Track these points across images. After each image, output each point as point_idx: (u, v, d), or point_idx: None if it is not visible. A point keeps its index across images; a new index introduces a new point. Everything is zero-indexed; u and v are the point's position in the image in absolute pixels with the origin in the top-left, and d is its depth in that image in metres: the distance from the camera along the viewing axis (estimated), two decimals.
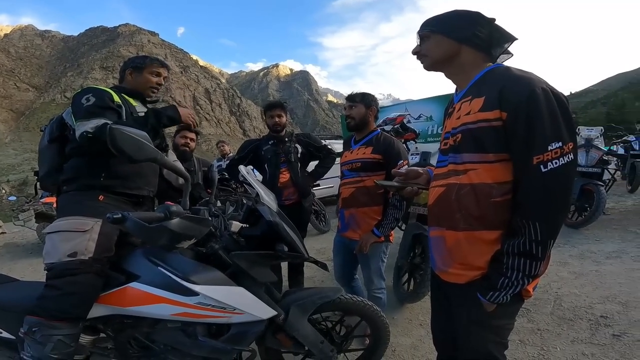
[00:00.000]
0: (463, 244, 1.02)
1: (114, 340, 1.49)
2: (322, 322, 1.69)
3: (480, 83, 1.03)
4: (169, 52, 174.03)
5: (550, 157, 0.88)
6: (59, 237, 1.43)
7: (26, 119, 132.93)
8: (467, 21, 1.06)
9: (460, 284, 1.05)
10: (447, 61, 1.10)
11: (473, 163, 1.00)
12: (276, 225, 1.45)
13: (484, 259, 0.99)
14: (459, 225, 1.02)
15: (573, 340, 2.10)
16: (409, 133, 4.50)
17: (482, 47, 1.06)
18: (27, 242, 6.80)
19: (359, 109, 2.12)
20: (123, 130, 1.13)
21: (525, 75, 0.95)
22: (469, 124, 1.00)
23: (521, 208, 0.92)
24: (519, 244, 0.92)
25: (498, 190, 0.96)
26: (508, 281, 0.93)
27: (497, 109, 0.94)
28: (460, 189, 1.02)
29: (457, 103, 1.08)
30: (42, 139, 1.73)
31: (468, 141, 1.00)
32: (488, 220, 0.98)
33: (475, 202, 0.99)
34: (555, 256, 3.46)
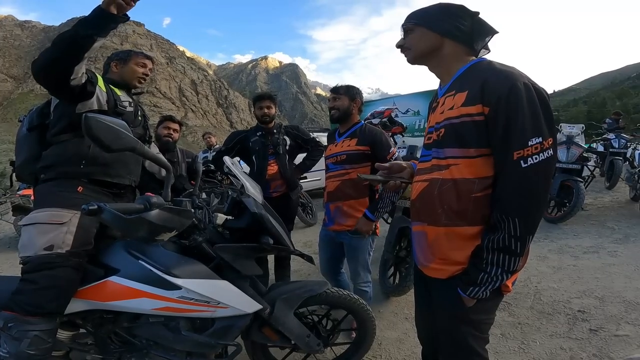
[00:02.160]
0: (444, 239, 1.02)
1: (94, 335, 1.46)
2: (308, 316, 1.69)
3: (464, 77, 1.02)
4: (155, 42, 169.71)
5: (530, 152, 0.88)
6: (35, 229, 1.38)
7: (4, 110, 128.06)
8: (449, 14, 1.05)
9: (442, 279, 1.05)
10: (429, 54, 1.09)
11: (455, 158, 0.99)
12: (261, 217, 1.43)
13: (464, 254, 0.99)
14: (441, 221, 1.02)
15: (552, 334, 2.15)
16: (396, 127, 4.50)
17: (464, 40, 1.05)
18: (4, 236, 6.57)
19: (343, 100, 2.11)
20: (99, 118, 1.08)
21: (507, 70, 0.94)
22: (452, 118, 0.99)
23: (500, 203, 0.92)
24: (498, 239, 0.92)
25: (479, 186, 0.96)
26: (487, 277, 0.94)
27: (479, 103, 0.93)
28: (443, 184, 1.01)
29: (441, 97, 1.07)
30: (20, 129, 1.68)
31: (451, 136, 1.00)
32: (468, 216, 0.98)
33: (456, 198, 0.99)
34: (535, 251, 3.54)
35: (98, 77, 1.56)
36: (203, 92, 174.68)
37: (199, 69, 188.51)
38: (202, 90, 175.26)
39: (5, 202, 5.69)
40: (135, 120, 1.72)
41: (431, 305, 1.14)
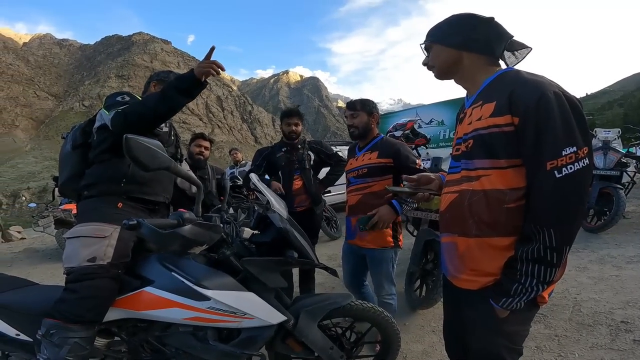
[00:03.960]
0: (475, 250, 1.01)
1: (128, 343, 1.52)
2: (332, 328, 1.69)
3: (491, 88, 1.02)
4: (182, 60, 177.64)
5: (564, 162, 0.86)
6: (79, 242, 1.47)
7: (46, 127, 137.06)
8: (460, 26, 1.06)
9: (473, 290, 1.04)
10: (451, 69, 1.11)
11: (485, 169, 0.99)
12: (286, 232, 1.46)
13: (496, 265, 0.98)
14: (471, 232, 1.01)
15: (592, 346, 2.06)
16: (419, 138, 4.45)
17: (482, 50, 1.05)
18: (46, 248, 6.95)
19: (361, 117, 2.12)
20: (138, 139, 1.17)
21: (536, 79, 0.93)
22: (480, 129, 0.99)
23: (535, 214, 0.91)
24: (532, 250, 0.90)
25: (511, 196, 0.95)
26: (522, 287, 0.92)
27: (508, 114, 0.93)
28: (473, 196, 1.01)
29: (468, 108, 1.08)
30: (63, 146, 1.79)
31: (480, 147, 1.00)
32: (500, 227, 0.97)
33: (487, 209, 0.98)
34: (574, 261, 3.40)
35: (138, 98, 1.68)
36: (228, 108, 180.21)
37: (224, 85, 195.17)
38: (227, 106, 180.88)
39: (48, 216, 6.06)
40: (169, 139, 1.82)
41: (461, 317, 1.13)
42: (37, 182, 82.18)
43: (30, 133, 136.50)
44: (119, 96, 1.62)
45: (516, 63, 1.07)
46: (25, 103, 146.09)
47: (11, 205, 65.57)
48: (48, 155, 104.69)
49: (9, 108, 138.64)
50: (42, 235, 7.04)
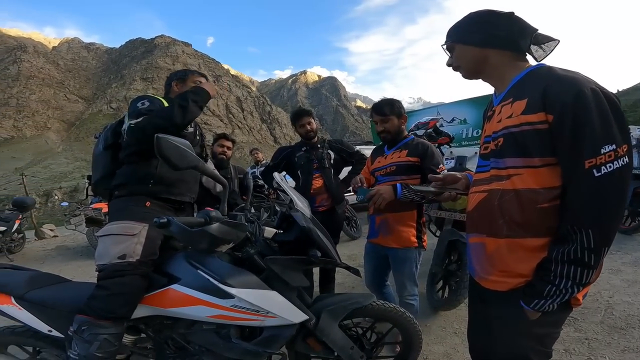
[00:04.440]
0: (505, 251, 0.99)
1: (153, 340, 1.56)
2: (352, 328, 1.69)
3: (522, 84, 0.99)
4: (202, 62, 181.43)
5: (603, 160, 0.83)
6: (110, 240, 1.53)
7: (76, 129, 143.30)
8: (481, 23, 1.04)
9: (502, 291, 1.02)
10: (479, 68, 1.09)
11: (517, 168, 0.96)
12: (309, 231, 1.47)
13: (528, 267, 0.96)
14: (502, 232, 0.99)
15: (624, 349, 2.00)
16: (442, 137, 4.36)
17: (507, 46, 1.03)
18: (77, 245, 7.25)
19: (392, 121, 2.09)
20: (169, 139, 1.20)
21: (571, 75, 0.90)
22: (511, 127, 0.97)
23: (572, 214, 0.88)
24: (569, 251, 0.87)
25: (545, 196, 0.93)
26: (556, 289, 0.90)
27: (542, 111, 0.90)
28: (503, 195, 0.99)
29: (497, 106, 1.05)
30: (96, 146, 1.85)
31: (511, 145, 0.97)
32: (533, 227, 0.95)
33: (519, 209, 0.96)
34: (607, 264, 3.28)
35: (162, 100, 1.72)
36: (248, 109, 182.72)
37: (243, 86, 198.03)
38: (247, 106, 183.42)
39: (80, 214, 6.34)
40: (194, 139, 1.86)
41: (487, 318, 1.10)
42: (69, 182, 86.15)
43: (62, 135, 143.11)
44: (140, 102, 1.67)
45: (544, 56, 1.03)
46: (56, 106, 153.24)
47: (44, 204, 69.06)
48: (79, 156, 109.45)
49: (41, 111, 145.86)
50: (74, 233, 7.34)
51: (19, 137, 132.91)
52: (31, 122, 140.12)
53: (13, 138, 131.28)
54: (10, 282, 1.61)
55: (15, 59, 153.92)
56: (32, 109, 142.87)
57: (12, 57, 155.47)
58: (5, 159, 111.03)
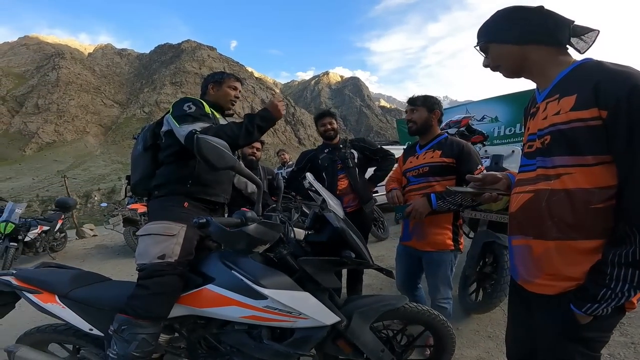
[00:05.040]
0: (554, 253, 0.95)
1: (187, 340, 1.59)
2: (383, 330, 1.67)
3: (568, 80, 0.95)
4: (227, 65, 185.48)
5: None
6: (150, 239, 1.57)
7: (113, 133, 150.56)
8: (511, 20, 1.01)
9: (549, 295, 0.98)
10: (521, 66, 1.05)
11: (567, 167, 0.92)
12: (342, 232, 1.46)
13: (580, 270, 0.92)
14: (550, 234, 0.95)
15: None
16: (476, 136, 4.17)
17: (545, 40, 0.99)
18: (114, 245, 7.56)
19: (421, 112, 2.06)
20: (208, 139, 1.22)
21: (624, 70, 0.86)
22: (559, 124, 0.93)
23: (630, 215, 0.84)
24: (627, 253, 0.83)
25: (599, 196, 0.88)
26: (611, 293, 0.86)
27: (594, 107, 0.86)
28: (552, 195, 0.95)
29: (542, 102, 1.01)
30: (135, 147, 1.90)
31: (559, 143, 0.93)
32: (586, 229, 0.91)
33: (570, 209, 0.92)
34: None
35: (204, 104, 1.75)
36: None
37: (267, 88, 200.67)
38: None
39: (118, 215, 6.63)
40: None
41: (531, 322, 1.07)
42: (107, 183, 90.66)
43: (100, 138, 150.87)
44: (185, 104, 1.68)
45: (587, 48, 0.98)
46: (94, 111, 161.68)
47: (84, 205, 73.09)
48: (115, 159, 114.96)
49: (80, 116, 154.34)
50: (112, 232, 7.67)
51: (60, 141, 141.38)
52: (71, 127, 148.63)
53: (55, 142, 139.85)
54: (54, 280, 1.67)
55: (54, 66, 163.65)
56: (71, 114, 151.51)
57: (51, 63, 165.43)
58: (48, 162, 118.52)
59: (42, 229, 6.18)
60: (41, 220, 6.41)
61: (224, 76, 1.92)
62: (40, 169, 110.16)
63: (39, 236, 6.08)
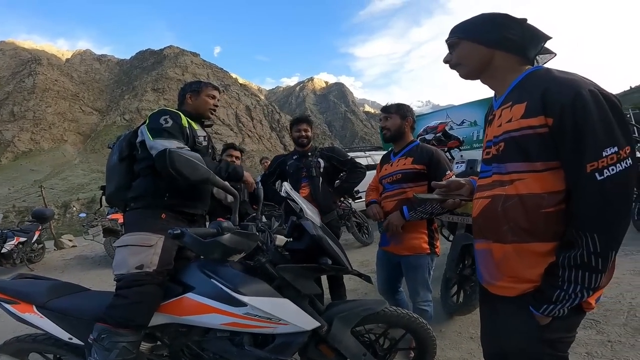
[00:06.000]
0: (512, 256, 0.98)
1: (169, 348, 1.59)
2: (365, 335, 1.69)
3: (520, 88, 0.99)
4: (211, 71, 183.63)
5: (605, 163, 0.82)
6: (127, 250, 1.57)
7: (92, 142, 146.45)
8: (495, 25, 1.03)
9: (510, 296, 1.00)
10: (481, 68, 1.08)
11: (519, 173, 0.95)
12: (319, 239, 1.49)
13: (536, 272, 0.95)
14: (507, 238, 0.98)
15: None
16: (452, 141, 4.31)
17: (515, 50, 1.01)
18: (95, 255, 7.35)
19: (394, 120, 2.12)
20: (180, 153, 1.25)
21: (569, 77, 0.90)
22: (511, 131, 0.96)
23: (576, 219, 0.87)
24: (575, 256, 0.86)
25: (549, 200, 0.91)
26: (565, 294, 0.88)
27: (541, 114, 0.89)
28: (507, 200, 0.97)
29: (497, 110, 1.04)
30: (110, 157, 1.86)
31: (512, 150, 0.96)
32: (539, 232, 0.94)
33: (524, 214, 0.94)
34: (629, 264, 3.21)
35: (182, 116, 1.74)
36: (257, 117, 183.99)
37: (252, 95, 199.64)
38: (256, 115, 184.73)
39: (97, 225, 6.51)
40: (207, 152, 1.88)
41: (498, 324, 1.09)
42: (86, 193, 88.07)
43: (78, 147, 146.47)
44: (162, 118, 1.67)
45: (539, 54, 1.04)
46: (72, 118, 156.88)
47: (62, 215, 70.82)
48: (95, 168, 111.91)
49: (57, 123, 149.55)
50: (92, 243, 7.50)
51: (36, 149, 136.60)
52: (48, 135, 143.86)
53: (31, 151, 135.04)
54: (32, 291, 1.66)
55: (31, 72, 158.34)
56: (48, 122, 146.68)
57: (27, 69, 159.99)
58: (24, 171, 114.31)
59: (19, 240, 6.08)
60: (18, 231, 6.30)
61: (201, 85, 1.92)
62: (16, 179, 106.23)
63: (15, 247, 5.99)
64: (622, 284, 2.81)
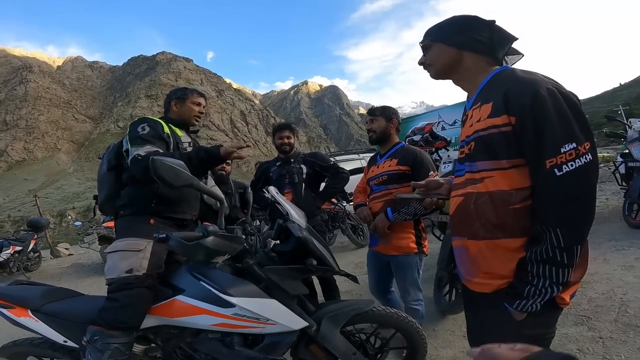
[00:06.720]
0: (485, 252, 1.00)
1: (162, 349, 1.63)
2: (356, 334, 1.71)
3: (487, 88, 1.02)
4: (204, 77, 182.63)
5: (564, 159, 0.85)
6: (117, 256, 1.61)
7: (86, 150, 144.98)
8: (464, 26, 1.06)
9: (487, 293, 1.02)
10: (450, 69, 1.11)
11: (488, 171, 0.99)
12: (305, 241, 1.52)
13: (508, 267, 0.97)
14: (479, 234, 1.00)
15: None
16: (439, 141, 4.37)
17: (484, 51, 1.05)
18: (91, 263, 7.35)
19: (380, 122, 2.17)
20: (163, 160, 1.28)
21: (529, 77, 0.93)
22: (480, 131, 0.99)
23: (540, 214, 0.90)
24: (541, 251, 0.88)
25: (516, 197, 0.94)
26: (535, 289, 0.90)
27: (505, 113, 0.92)
28: (478, 198, 1.00)
29: (469, 110, 1.07)
30: (100, 167, 1.91)
31: (481, 149, 1.00)
32: (508, 228, 0.96)
33: (493, 210, 0.97)
34: (620, 260, 3.23)
35: (163, 124, 1.78)
36: (252, 122, 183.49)
37: (246, 100, 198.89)
38: (251, 120, 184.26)
39: (93, 233, 6.52)
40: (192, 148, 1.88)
41: (479, 320, 1.11)
42: (81, 201, 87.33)
43: (72, 155, 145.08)
44: (140, 126, 1.70)
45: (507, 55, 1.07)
46: (65, 126, 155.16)
47: (58, 224, 70.23)
48: (89, 176, 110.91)
49: (50, 132, 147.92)
50: (88, 251, 7.50)
51: (30, 158, 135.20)
52: (42, 144, 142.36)
53: (25, 160, 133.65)
54: (27, 295, 1.70)
55: (22, 80, 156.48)
56: (41, 130, 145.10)
57: (19, 77, 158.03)
58: (18, 181, 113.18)
59: (15, 249, 6.14)
60: (13, 240, 6.35)
61: (186, 92, 1.94)
62: (10, 189, 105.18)
63: (11, 256, 6.04)
64: (613, 279, 2.83)
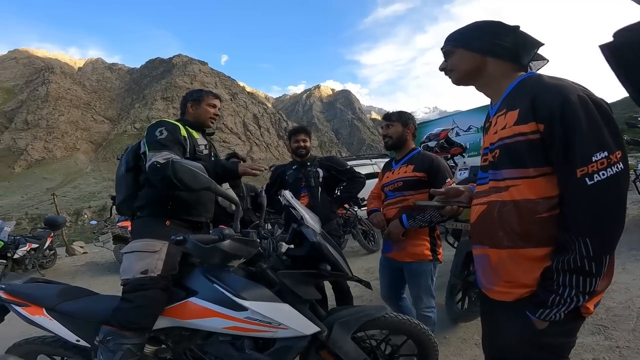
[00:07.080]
0: (508, 262, 0.99)
1: (173, 351, 1.63)
2: (366, 340, 1.70)
3: (513, 95, 1.01)
4: (218, 80, 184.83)
5: (595, 168, 0.83)
6: (133, 256, 1.63)
7: (103, 150, 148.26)
8: (486, 32, 1.05)
9: (508, 301, 1.01)
10: (473, 75, 1.10)
11: (513, 179, 0.97)
12: (319, 246, 1.52)
13: (532, 277, 0.96)
14: (503, 243, 1.00)
15: None
16: (455, 148, 4.31)
17: (508, 57, 1.04)
18: (105, 261, 7.50)
19: (396, 127, 2.15)
20: (183, 163, 1.31)
21: (558, 83, 0.91)
22: (505, 138, 0.98)
23: (569, 223, 0.88)
24: (569, 260, 0.87)
25: (543, 206, 0.93)
26: (560, 298, 0.89)
27: (532, 121, 0.91)
28: (503, 207, 0.99)
29: (493, 117, 1.07)
30: (118, 168, 1.95)
31: (506, 157, 0.99)
32: (534, 237, 0.95)
33: (518, 219, 0.96)
34: (639, 269, 3.15)
35: (180, 127, 1.80)
36: (265, 126, 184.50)
37: (259, 103, 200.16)
38: (264, 123, 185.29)
39: (107, 232, 6.63)
40: (209, 162, 1.92)
41: (498, 329, 1.10)
42: (97, 201, 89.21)
43: (90, 156, 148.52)
44: (158, 130, 1.71)
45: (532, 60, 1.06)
46: (84, 127, 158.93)
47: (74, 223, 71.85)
48: (106, 176, 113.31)
49: (70, 132, 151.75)
50: (102, 249, 7.64)
51: (49, 158, 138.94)
52: (61, 144, 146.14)
53: (44, 159, 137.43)
54: (42, 294, 1.73)
55: (44, 80, 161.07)
56: (61, 130, 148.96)
57: (41, 78, 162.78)
58: (37, 179, 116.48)
59: (31, 246, 6.23)
60: (30, 238, 6.45)
61: (202, 94, 1.96)
62: (29, 187, 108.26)
63: (27, 254, 6.12)
64: (632, 289, 2.77)
